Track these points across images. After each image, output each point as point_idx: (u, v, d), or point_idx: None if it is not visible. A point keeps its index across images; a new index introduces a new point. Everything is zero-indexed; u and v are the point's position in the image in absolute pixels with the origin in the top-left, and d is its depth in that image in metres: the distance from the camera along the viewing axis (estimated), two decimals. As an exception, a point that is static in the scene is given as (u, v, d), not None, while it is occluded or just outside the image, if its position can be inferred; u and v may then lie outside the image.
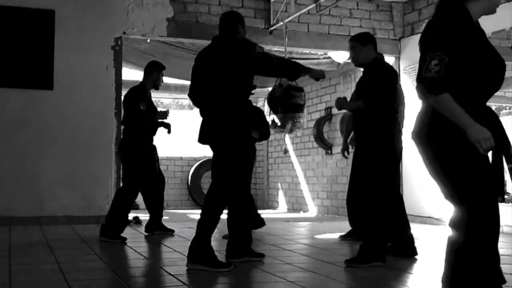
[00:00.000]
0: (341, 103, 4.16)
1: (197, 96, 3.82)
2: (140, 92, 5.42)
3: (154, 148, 5.50)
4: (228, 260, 3.80)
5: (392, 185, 4.11)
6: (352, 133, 5.36)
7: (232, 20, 3.86)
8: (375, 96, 3.92)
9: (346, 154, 5.89)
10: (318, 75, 3.96)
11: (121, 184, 5.67)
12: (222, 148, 3.67)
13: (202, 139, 3.76)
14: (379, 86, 3.95)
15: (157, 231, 5.59)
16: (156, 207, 5.68)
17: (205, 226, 3.56)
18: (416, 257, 4.16)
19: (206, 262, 3.48)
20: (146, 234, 5.55)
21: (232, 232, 3.93)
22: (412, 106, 7.37)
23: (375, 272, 3.58)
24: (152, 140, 5.49)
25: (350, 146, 5.66)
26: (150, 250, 4.87)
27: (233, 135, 3.63)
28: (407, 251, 4.18)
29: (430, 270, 3.77)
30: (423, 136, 2.14)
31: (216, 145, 3.74)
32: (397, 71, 7.72)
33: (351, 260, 3.77)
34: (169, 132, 5.57)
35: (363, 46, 4.11)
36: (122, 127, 5.63)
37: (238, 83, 3.65)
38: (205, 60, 3.78)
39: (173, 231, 5.68)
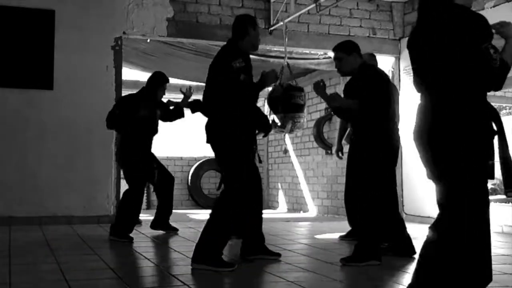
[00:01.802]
0: (335, 97, 4.10)
1: (205, 98, 3.87)
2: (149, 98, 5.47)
3: (152, 156, 5.52)
4: (244, 257, 3.90)
5: (390, 185, 4.13)
6: (348, 130, 5.36)
7: (241, 22, 3.87)
8: (367, 102, 3.92)
9: (340, 154, 5.88)
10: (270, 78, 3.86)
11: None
12: (220, 150, 3.74)
13: (207, 139, 3.83)
14: (369, 91, 3.94)
15: (160, 229, 5.61)
16: (163, 206, 5.70)
17: (212, 227, 3.60)
18: (414, 256, 4.16)
19: (208, 262, 3.50)
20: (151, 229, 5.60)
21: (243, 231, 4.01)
22: (411, 105, 7.38)
23: (374, 272, 3.58)
24: (150, 148, 5.50)
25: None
26: (151, 250, 4.87)
27: (230, 136, 3.66)
28: (406, 250, 4.19)
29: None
30: (424, 135, 2.14)
31: (214, 147, 3.79)
32: (397, 71, 7.74)
33: (346, 259, 3.80)
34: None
35: (347, 55, 4.11)
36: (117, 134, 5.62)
37: (235, 86, 3.67)
38: (212, 63, 3.85)
39: (176, 229, 5.71)
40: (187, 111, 5.76)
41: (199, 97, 5.00)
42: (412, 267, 3.83)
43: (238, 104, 3.69)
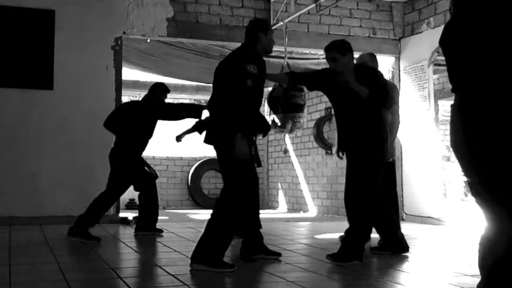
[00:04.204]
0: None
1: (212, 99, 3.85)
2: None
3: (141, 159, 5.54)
4: (244, 258, 3.91)
5: (390, 185, 4.15)
6: None
7: (252, 28, 3.84)
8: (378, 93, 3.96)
9: (341, 154, 5.90)
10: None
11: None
12: (222, 150, 3.72)
13: (207, 140, 3.80)
14: (379, 84, 4.03)
15: (144, 231, 5.51)
16: (149, 207, 5.62)
17: (213, 227, 3.59)
18: (415, 257, 4.17)
19: (208, 262, 3.49)
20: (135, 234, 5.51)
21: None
22: (411, 105, 7.39)
23: (374, 272, 3.59)
24: (142, 151, 5.51)
25: None
26: (150, 250, 4.87)
27: (231, 138, 3.65)
28: (399, 249, 4.30)
29: (430, 270, 3.77)
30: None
31: (217, 147, 3.77)
32: (397, 71, 7.74)
33: (333, 256, 3.82)
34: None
35: (342, 55, 4.05)
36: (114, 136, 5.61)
37: (244, 90, 3.66)
38: (220, 65, 3.83)
39: (162, 231, 5.61)
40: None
41: (199, 96, 4.97)
42: (416, 269, 3.85)
43: (240, 107, 3.66)
